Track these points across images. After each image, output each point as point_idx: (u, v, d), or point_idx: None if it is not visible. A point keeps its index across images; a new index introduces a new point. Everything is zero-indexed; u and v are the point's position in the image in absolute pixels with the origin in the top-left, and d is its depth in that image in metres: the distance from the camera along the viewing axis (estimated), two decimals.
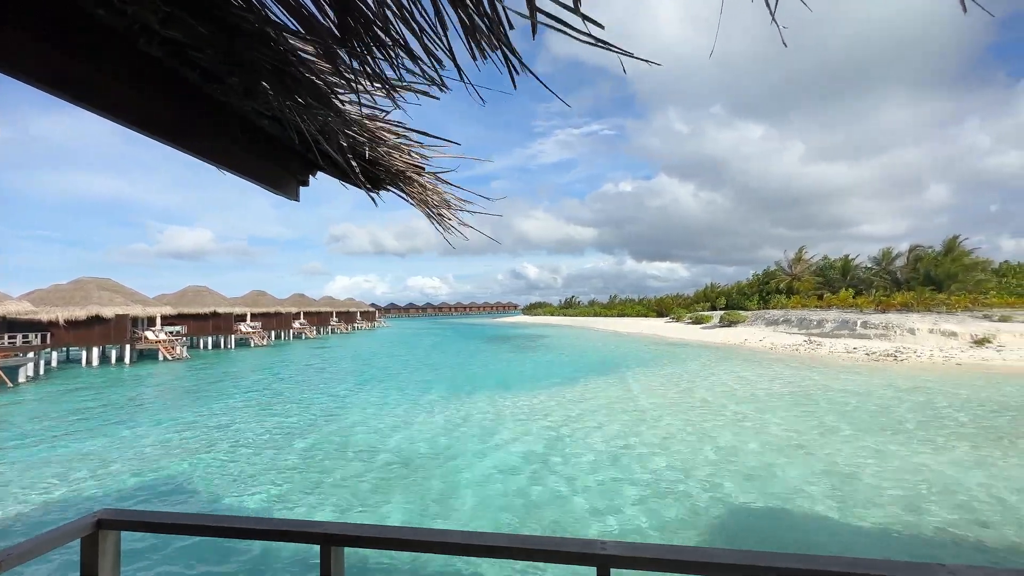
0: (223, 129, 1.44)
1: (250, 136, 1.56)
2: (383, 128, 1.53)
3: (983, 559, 5.53)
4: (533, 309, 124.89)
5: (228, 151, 1.56)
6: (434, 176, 1.76)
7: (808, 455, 9.19)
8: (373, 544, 1.70)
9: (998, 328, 24.96)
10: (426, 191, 1.74)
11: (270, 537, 1.78)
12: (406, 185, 1.72)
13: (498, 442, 10.46)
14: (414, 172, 1.67)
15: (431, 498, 7.53)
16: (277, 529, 1.75)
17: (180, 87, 1.37)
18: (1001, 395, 14.37)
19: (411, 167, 1.65)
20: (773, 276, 52.12)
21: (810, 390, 15.82)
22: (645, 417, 12.54)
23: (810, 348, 28.05)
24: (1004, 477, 7.88)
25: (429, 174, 1.73)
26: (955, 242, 39.51)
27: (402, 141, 1.60)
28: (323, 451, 10.03)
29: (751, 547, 5.90)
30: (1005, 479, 7.79)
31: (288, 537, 1.78)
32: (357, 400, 15.68)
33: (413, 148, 1.65)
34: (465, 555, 1.65)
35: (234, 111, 1.49)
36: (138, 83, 1.26)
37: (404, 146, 1.61)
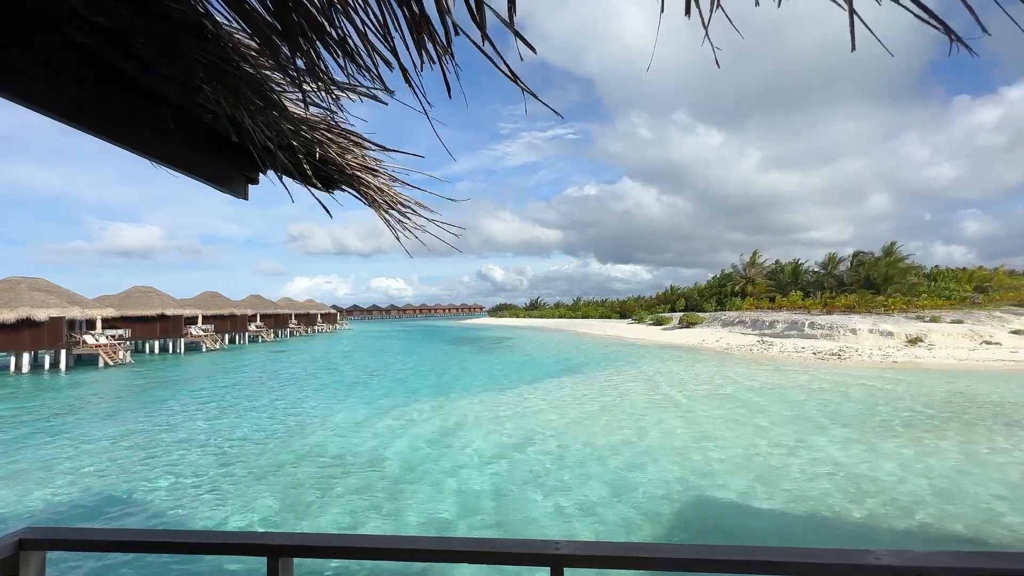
0: (162, 123, 1.37)
1: (192, 131, 1.49)
2: (333, 127, 1.50)
3: (908, 543, 5.94)
4: (499, 311, 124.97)
5: (168, 146, 1.48)
6: (389, 177, 1.73)
7: (762, 448, 9.62)
8: (323, 554, 1.65)
9: (929, 328, 26.95)
10: (382, 193, 1.71)
11: (214, 551, 1.70)
12: (360, 186, 1.69)
13: (457, 447, 10.40)
14: (368, 173, 1.64)
15: (387, 505, 7.39)
16: (221, 543, 1.68)
17: (115, 78, 1.30)
18: (930, 391, 15.51)
19: (364, 168, 1.62)
20: (729, 279, 54.30)
21: (762, 387, 16.58)
22: (601, 417, 12.78)
23: (762, 348, 29.36)
24: (928, 467, 8.50)
25: (384, 175, 1.71)
26: (892, 248, 42.43)
27: (354, 141, 1.57)
28: (276, 461, 9.67)
29: (697, 540, 6.11)
30: (929, 468, 8.41)
31: (233, 550, 1.71)
32: (314, 406, 15.21)
33: (367, 150, 1.62)
34: (418, 560, 1.64)
35: (174, 105, 1.42)
36: (68, 72, 1.18)
37: (357, 146, 1.58)
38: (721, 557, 1.57)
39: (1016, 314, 28.56)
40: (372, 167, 1.65)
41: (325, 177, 1.88)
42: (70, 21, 1.10)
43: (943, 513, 6.74)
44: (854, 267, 43.93)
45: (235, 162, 1.83)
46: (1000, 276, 39.27)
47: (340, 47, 0.95)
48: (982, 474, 8.08)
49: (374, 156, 1.67)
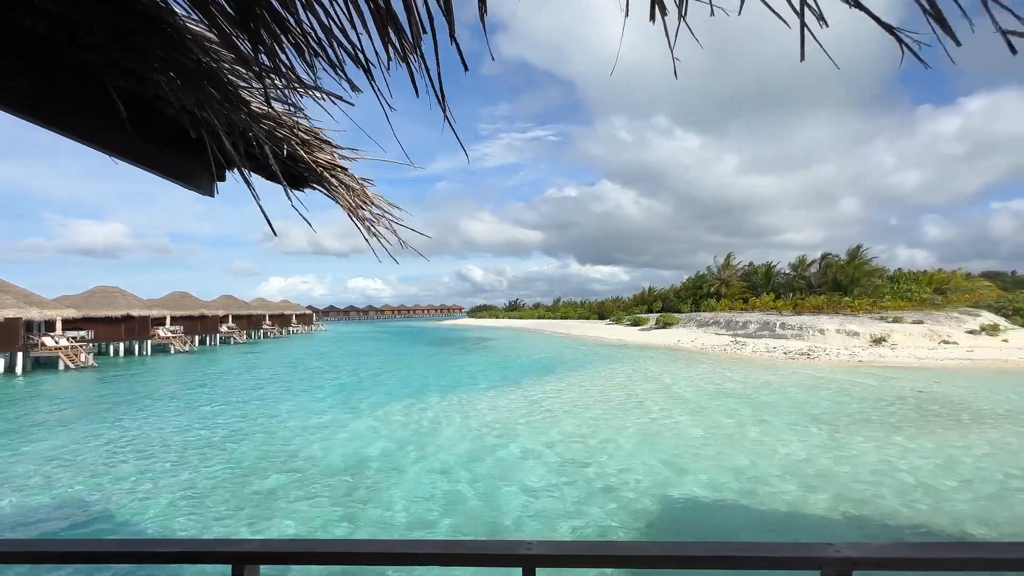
0: (119, 117, 1.31)
1: (153, 125, 1.43)
2: (301, 124, 1.47)
3: (869, 535, 6.17)
4: (478, 312, 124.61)
5: (127, 141, 1.43)
6: (360, 177, 1.71)
7: (731, 445, 9.84)
8: (291, 560, 1.61)
9: (892, 329, 28.05)
10: (352, 192, 1.68)
11: (174, 560, 1.64)
12: (330, 185, 1.66)
13: (438, 447, 10.33)
14: (337, 171, 1.62)
15: (357, 510, 7.29)
16: (182, 551, 1.62)
17: (69, 69, 1.24)
18: (891, 388, 16.14)
19: (334, 166, 1.59)
20: (704, 280, 55.44)
21: (728, 386, 16.98)
22: (582, 415, 12.88)
23: (736, 348, 30.06)
24: (888, 461, 8.85)
25: (354, 174, 1.68)
26: (858, 251, 44.01)
27: (323, 139, 1.54)
28: (241, 468, 9.43)
29: (666, 536, 6.22)
30: (889, 463, 8.75)
31: (195, 559, 1.65)
32: (285, 409, 14.89)
33: (337, 148, 1.59)
34: (387, 564, 1.61)
35: (132, 97, 1.37)
36: (16, 61, 1.12)
37: (326, 144, 1.55)
38: (689, 554, 1.60)
39: (971, 315, 29.98)
40: (341, 165, 1.62)
41: (295, 175, 1.84)
42: (18, 6, 1.05)
43: (901, 504, 7.01)
44: (822, 269, 45.41)
45: (201, 158, 1.77)
46: (957, 279, 41.20)
47: (304, 42, 0.93)
48: (938, 468, 8.45)
49: (343, 154, 1.64)
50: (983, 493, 7.36)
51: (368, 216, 1.72)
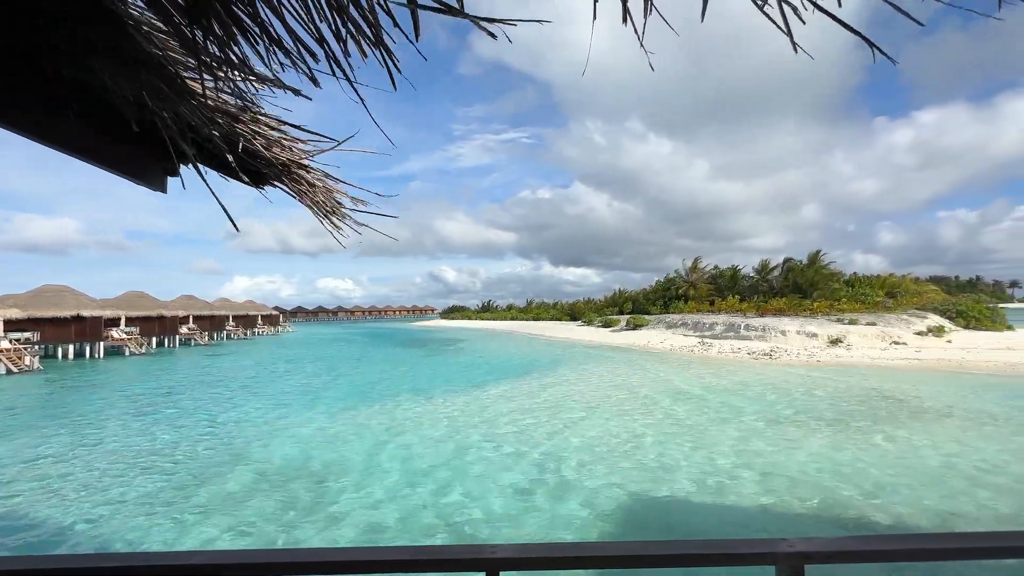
0: (60, 106, 1.23)
1: (98, 116, 1.35)
2: (259, 119, 1.42)
3: (822, 530, 6.44)
4: (451, 313, 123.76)
5: (67, 130, 1.34)
6: (323, 174, 1.66)
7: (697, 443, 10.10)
8: (236, 571, 1.56)
9: (848, 330, 29.40)
10: (315, 189, 1.64)
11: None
12: (292, 182, 1.61)
13: (412, 448, 10.19)
14: (299, 168, 1.57)
15: (302, 519, 7.12)
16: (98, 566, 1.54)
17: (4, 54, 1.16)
18: (846, 386, 16.92)
19: (295, 163, 1.55)
20: (673, 283, 56.73)
21: (693, 386, 17.44)
22: (554, 415, 12.96)
23: (703, 349, 30.88)
24: (843, 457, 9.27)
25: (318, 171, 1.64)
26: (817, 256, 45.95)
27: (283, 134, 1.49)
28: (197, 480, 9.07)
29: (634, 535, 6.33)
30: (844, 458, 9.16)
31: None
32: (243, 415, 14.41)
33: (297, 144, 1.54)
34: (346, 573, 1.57)
35: (77, 86, 1.29)
36: None
37: (287, 140, 1.50)
38: (651, 552, 1.63)
39: (919, 317, 31.74)
40: (303, 162, 1.57)
41: (255, 172, 1.78)
42: None
43: (851, 496, 7.35)
44: (784, 273, 47.20)
45: (152, 153, 1.69)
46: (907, 283, 43.57)
47: (259, 35, 0.90)
48: (887, 462, 8.89)
49: (305, 151, 1.60)
50: (924, 484, 7.78)
51: (334, 214, 1.68)
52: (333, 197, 1.69)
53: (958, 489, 7.60)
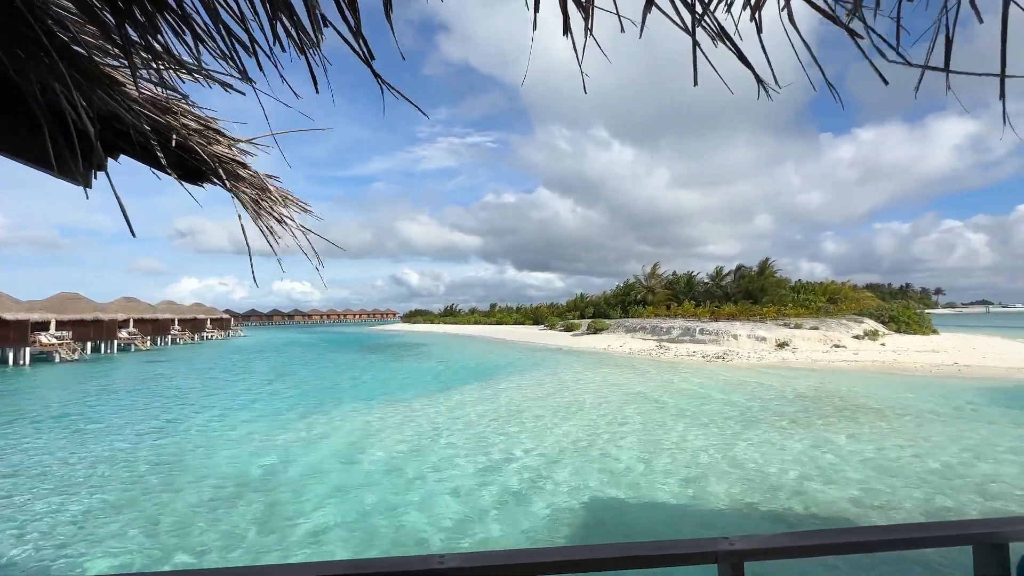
0: None
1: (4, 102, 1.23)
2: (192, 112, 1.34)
3: (764, 526, 6.74)
4: (413, 317, 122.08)
5: None
6: (265, 174, 1.59)
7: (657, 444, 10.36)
8: None
9: (793, 334, 31.04)
10: (254, 190, 1.56)
11: None
12: (230, 180, 1.52)
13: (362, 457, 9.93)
14: (236, 165, 1.49)
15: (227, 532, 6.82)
16: None
17: None
18: (791, 387, 17.86)
19: (234, 161, 1.47)
20: (633, 288, 58.20)
21: (653, 387, 17.94)
22: (514, 419, 12.98)
23: (660, 352, 31.80)
24: (786, 453, 9.76)
25: (259, 171, 1.56)
26: (766, 263, 48.36)
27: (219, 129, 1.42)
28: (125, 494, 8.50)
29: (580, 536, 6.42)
30: (786, 454, 9.65)
31: None
32: (191, 424, 13.65)
33: (236, 140, 1.47)
34: None
35: None
36: None
37: (223, 135, 1.43)
38: (599, 556, 1.65)
39: (857, 322, 33.92)
40: (239, 160, 1.50)
41: (191, 168, 1.68)
42: None
43: (792, 491, 7.74)
44: (736, 280, 49.37)
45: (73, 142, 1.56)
46: (846, 290, 46.49)
47: (185, 23, 0.84)
48: (823, 455, 9.43)
49: (243, 147, 1.52)
50: (859, 478, 8.29)
51: (273, 216, 1.60)
52: (275, 197, 1.62)
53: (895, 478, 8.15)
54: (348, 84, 11.56)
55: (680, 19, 0.99)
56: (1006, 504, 7.16)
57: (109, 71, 1.06)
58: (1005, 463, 8.95)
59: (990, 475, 8.35)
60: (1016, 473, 8.44)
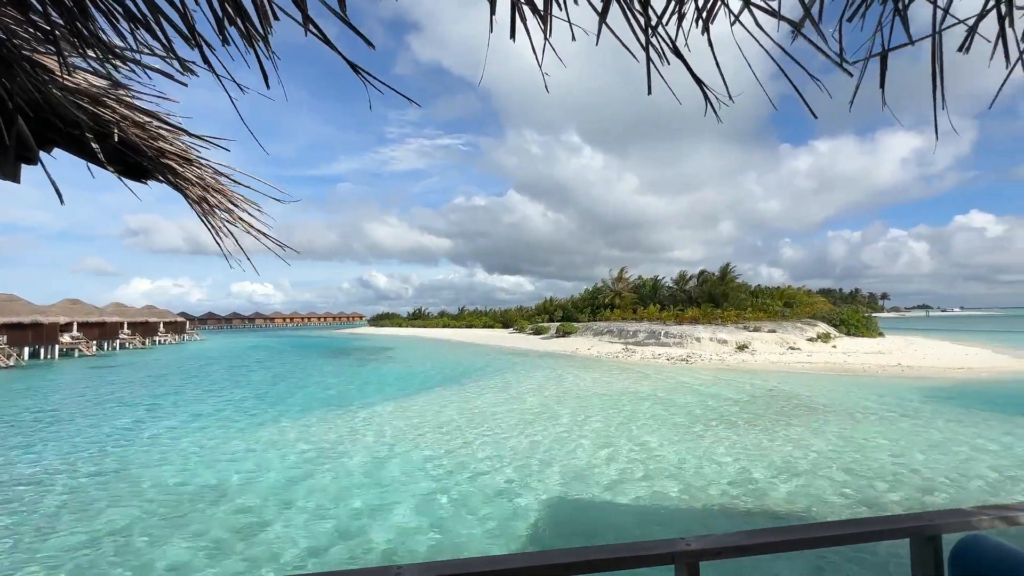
0: None
1: None
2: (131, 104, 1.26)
3: (717, 525, 6.95)
4: (380, 320, 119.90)
5: None
6: (214, 171, 1.52)
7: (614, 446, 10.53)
8: None
9: (752, 337, 32.24)
10: (205, 188, 1.48)
11: None
12: (177, 178, 1.44)
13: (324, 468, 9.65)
14: (184, 163, 1.42)
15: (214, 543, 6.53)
16: None
17: None
18: (750, 387, 18.54)
19: (180, 158, 1.39)
20: (601, 292, 59.12)
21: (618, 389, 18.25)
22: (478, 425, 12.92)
23: (626, 355, 32.38)
24: (740, 451, 10.12)
25: (208, 168, 1.49)
26: (727, 269, 50.09)
27: (166, 123, 1.34)
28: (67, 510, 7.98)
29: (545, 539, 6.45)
30: (741, 453, 10.00)
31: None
32: (144, 433, 12.94)
33: (184, 136, 1.39)
34: None
35: None
36: None
37: (170, 131, 1.35)
38: (556, 561, 1.65)
39: (811, 325, 35.55)
40: (189, 157, 1.43)
41: (132, 164, 1.58)
42: None
43: (749, 492, 8.02)
44: (699, 284, 50.93)
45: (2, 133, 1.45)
46: (801, 295, 48.71)
47: (119, 5, 0.79)
48: (781, 454, 9.82)
49: (191, 143, 1.45)
50: (811, 474, 8.68)
51: (224, 216, 1.52)
52: (225, 197, 1.55)
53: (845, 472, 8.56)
54: (315, 80, 11.03)
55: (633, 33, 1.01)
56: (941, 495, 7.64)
57: (38, 57, 0.98)
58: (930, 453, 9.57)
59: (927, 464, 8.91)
60: (937, 462, 9.03)
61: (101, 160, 1.30)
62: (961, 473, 8.68)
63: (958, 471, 8.79)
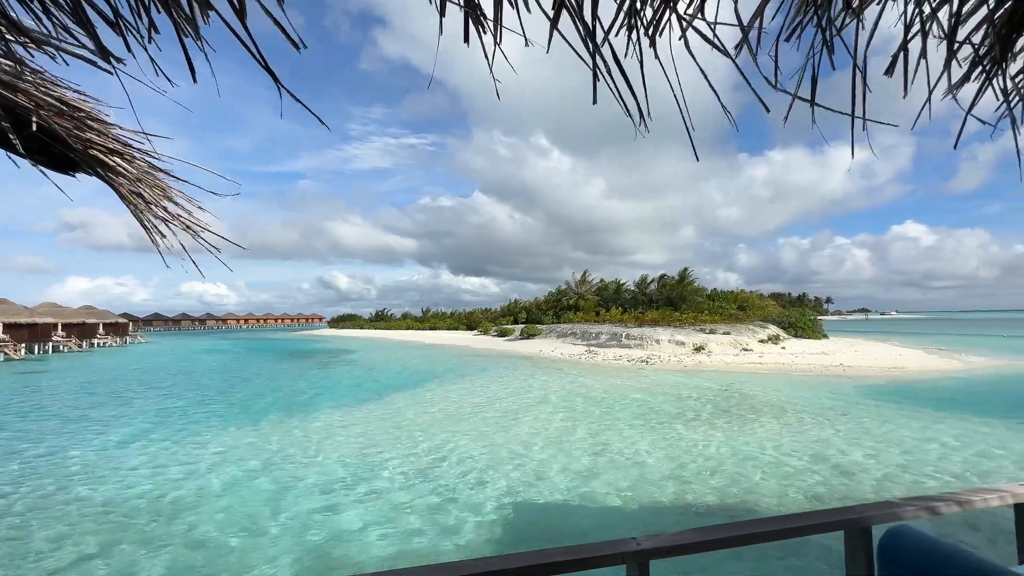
0: None
1: None
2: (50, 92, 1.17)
3: (670, 523, 7.18)
4: (341, 322, 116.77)
5: None
6: (149, 165, 1.43)
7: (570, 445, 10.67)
8: None
9: (708, 339, 33.46)
10: (138, 184, 1.39)
11: None
12: (108, 172, 1.34)
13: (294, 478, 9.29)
14: (115, 157, 1.33)
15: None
16: None
17: None
18: (706, 387, 19.24)
19: (109, 151, 1.30)
20: (565, 294, 59.87)
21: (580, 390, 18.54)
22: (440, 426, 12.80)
23: (589, 357, 32.90)
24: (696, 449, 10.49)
25: (142, 163, 1.40)
26: (686, 272, 51.81)
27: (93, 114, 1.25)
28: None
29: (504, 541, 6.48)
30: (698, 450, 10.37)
31: None
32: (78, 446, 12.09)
33: (114, 128, 1.30)
34: None
35: None
36: None
37: (99, 122, 1.26)
38: (513, 565, 1.65)
39: (762, 327, 37.25)
40: (120, 151, 1.34)
41: (58, 156, 1.47)
42: None
43: (704, 485, 8.32)
44: (659, 288, 52.44)
45: None
46: (754, 298, 51.02)
47: None
48: (725, 448, 10.24)
49: (124, 136, 1.36)
50: (755, 469, 9.09)
51: (161, 212, 1.43)
52: (162, 192, 1.46)
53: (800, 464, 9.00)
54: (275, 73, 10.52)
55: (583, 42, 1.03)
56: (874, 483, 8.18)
57: None
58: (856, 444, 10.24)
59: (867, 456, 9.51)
60: (869, 453, 9.68)
61: (19, 150, 1.20)
62: (889, 463, 9.32)
63: (886, 461, 9.42)
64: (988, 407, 14.77)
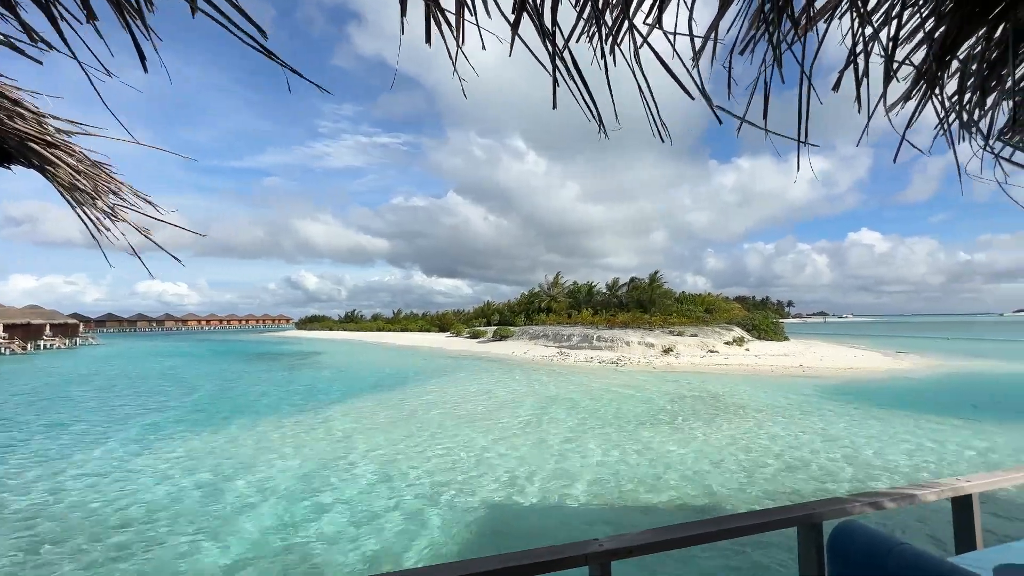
0: None
1: None
2: None
3: (635, 523, 7.32)
4: (309, 323, 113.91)
5: None
6: (88, 158, 1.35)
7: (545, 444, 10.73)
8: None
9: (677, 341, 34.25)
10: (78, 177, 1.31)
11: None
12: (45, 164, 1.26)
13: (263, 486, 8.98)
14: (49, 147, 1.25)
15: None
16: None
17: None
18: (675, 387, 19.69)
19: (45, 143, 1.22)
20: (537, 296, 60.16)
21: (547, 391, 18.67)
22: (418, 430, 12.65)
23: (561, 358, 33.16)
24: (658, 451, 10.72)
25: (84, 157, 1.32)
26: (655, 276, 52.92)
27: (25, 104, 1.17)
28: None
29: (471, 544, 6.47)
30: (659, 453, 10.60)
31: None
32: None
33: (51, 118, 1.22)
34: None
35: None
36: None
37: (31, 112, 1.18)
38: (479, 569, 1.64)
39: (728, 330, 38.42)
40: (56, 142, 1.26)
41: None
42: None
43: (671, 481, 8.50)
44: (630, 290, 53.36)
45: None
46: (720, 301, 52.54)
47: None
48: (690, 446, 10.51)
49: (61, 127, 1.28)
50: (721, 466, 9.36)
51: (103, 206, 1.35)
52: (104, 186, 1.38)
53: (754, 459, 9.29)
54: (238, 65, 10.06)
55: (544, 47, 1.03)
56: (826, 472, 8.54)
57: None
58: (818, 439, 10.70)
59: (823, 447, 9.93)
60: (822, 448, 10.12)
61: None
62: (839, 456, 9.76)
63: (839, 455, 9.87)
64: (931, 405, 15.68)
